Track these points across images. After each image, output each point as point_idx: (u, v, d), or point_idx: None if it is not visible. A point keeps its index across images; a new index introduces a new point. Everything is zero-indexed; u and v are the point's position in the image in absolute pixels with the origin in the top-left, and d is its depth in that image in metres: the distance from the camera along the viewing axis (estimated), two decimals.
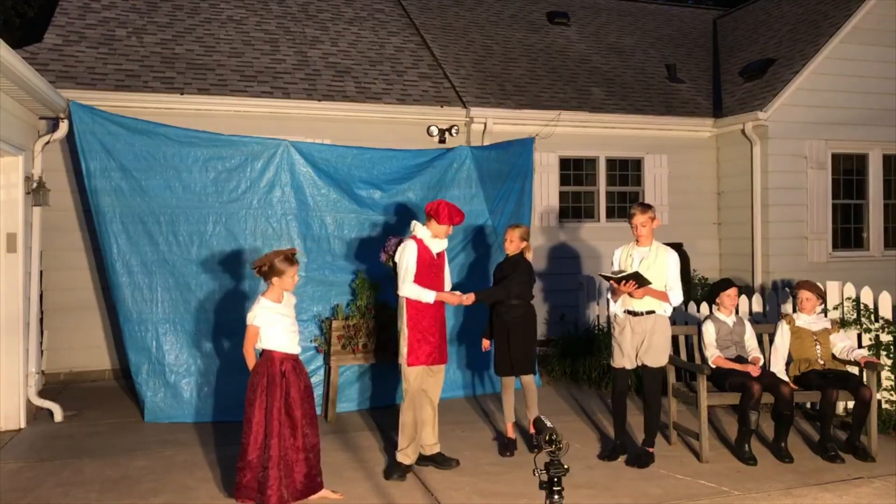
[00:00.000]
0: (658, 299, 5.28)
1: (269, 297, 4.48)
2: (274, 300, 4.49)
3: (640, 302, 5.31)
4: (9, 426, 6.16)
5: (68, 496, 4.72)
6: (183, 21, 10.12)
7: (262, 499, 4.32)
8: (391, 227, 7.06)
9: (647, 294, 5.25)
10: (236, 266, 6.66)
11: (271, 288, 4.50)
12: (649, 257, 5.31)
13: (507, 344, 5.71)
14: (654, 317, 5.33)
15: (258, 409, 4.39)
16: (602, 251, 10.04)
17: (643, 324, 5.33)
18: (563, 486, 2.75)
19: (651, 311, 5.32)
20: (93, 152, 6.37)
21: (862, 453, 5.43)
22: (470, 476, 5.06)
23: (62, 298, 7.99)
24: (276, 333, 4.46)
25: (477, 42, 11.48)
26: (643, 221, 5.30)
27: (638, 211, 5.33)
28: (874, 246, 10.52)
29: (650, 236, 5.36)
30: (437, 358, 5.19)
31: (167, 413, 6.42)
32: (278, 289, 4.51)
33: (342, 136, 8.54)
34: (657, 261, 5.30)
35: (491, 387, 7.49)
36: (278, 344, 4.46)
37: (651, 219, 5.29)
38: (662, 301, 5.30)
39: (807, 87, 10.03)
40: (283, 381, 4.42)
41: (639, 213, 5.32)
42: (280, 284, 4.49)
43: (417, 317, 5.10)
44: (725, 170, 10.69)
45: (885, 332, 6.28)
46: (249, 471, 4.38)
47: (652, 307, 5.31)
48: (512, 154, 7.83)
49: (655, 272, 5.26)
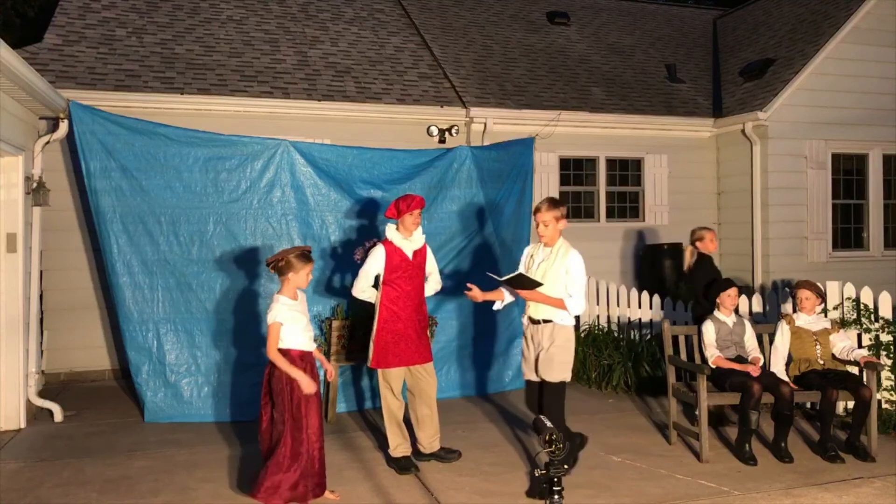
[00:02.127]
0: (552, 306, 4.79)
1: (286, 295, 4.49)
2: (290, 297, 4.50)
3: (537, 308, 4.86)
4: (9, 426, 6.16)
5: (68, 496, 4.72)
6: (183, 21, 10.12)
7: (292, 495, 4.34)
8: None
9: (536, 299, 4.81)
10: (237, 266, 6.66)
11: (286, 285, 4.50)
12: (549, 259, 4.83)
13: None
14: (552, 326, 4.81)
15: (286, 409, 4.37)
16: (602, 251, 10.06)
17: (540, 333, 4.86)
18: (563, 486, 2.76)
19: (548, 319, 4.82)
20: (93, 152, 6.36)
21: (862, 453, 5.43)
22: (470, 476, 5.06)
23: (62, 298, 7.99)
24: (296, 331, 4.46)
25: (477, 42, 11.48)
26: (546, 220, 4.81)
27: (543, 207, 4.85)
28: (874, 246, 10.52)
29: (556, 236, 4.86)
30: (417, 358, 5.21)
31: (167, 413, 6.42)
32: (293, 286, 4.51)
33: (342, 136, 8.54)
34: (555, 263, 4.79)
35: (491, 387, 7.49)
36: (297, 342, 4.47)
37: (556, 218, 4.81)
38: (557, 308, 4.78)
39: (807, 87, 10.03)
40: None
41: (543, 209, 4.83)
42: (295, 281, 4.49)
43: (392, 319, 5.16)
44: (725, 170, 10.69)
45: (885, 332, 6.28)
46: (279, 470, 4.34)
47: (549, 315, 4.82)
48: (512, 154, 7.83)
49: (552, 276, 4.77)
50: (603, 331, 8.20)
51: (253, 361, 6.61)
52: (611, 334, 8.13)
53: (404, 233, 5.23)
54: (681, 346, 6.07)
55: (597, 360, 7.76)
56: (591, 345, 7.96)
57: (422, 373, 5.26)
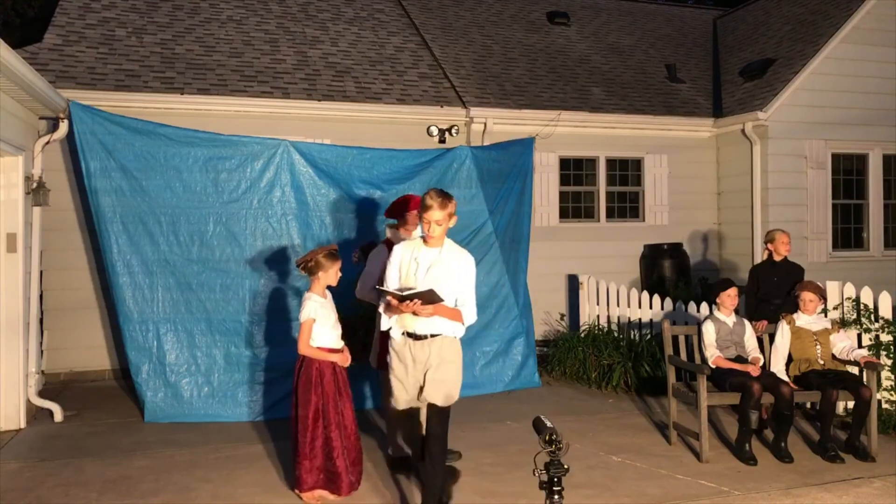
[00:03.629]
0: (450, 318, 4.11)
1: (316, 293, 4.58)
2: (320, 295, 4.59)
3: (422, 321, 4.09)
4: (9, 426, 6.16)
5: (68, 496, 4.72)
6: (183, 21, 10.12)
7: (333, 487, 4.52)
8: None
9: (438, 313, 4.05)
10: (237, 266, 6.66)
11: (316, 284, 4.59)
12: (440, 263, 4.13)
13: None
14: (441, 340, 4.13)
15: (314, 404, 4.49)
16: (602, 251, 10.06)
17: (425, 350, 4.14)
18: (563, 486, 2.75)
19: (437, 333, 4.12)
20: (93, 152, 6.36)
21: (862, 453, 5.43)
22: (470, 476, 5.06)
23: (62, 298, 7.99)
24: (327, 329, 4.56)
25: (477, 42, 11.48)
26: (440, 218, 4.07)
27: (436, 203, 4.04)
28: (874, 246, 10.52)
29: (443, 236, 4.19)
30: None
31: (167, 413, 6.42)
32: (323, 284, 4.61)
33: (342, 136, 8.54)
34: (449, 268, 4.13)
35: (491, 387, 7.49)
36: (328, 340, 4.57)
37: (450, 216, 4.12)
38: (454, 320, 4.12)
39: (807, 87, 10.03)
40: (333, 375, 4.57)
41: (437, 206, 4.04)
42: (325, 279, 4.60)
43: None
44: (725, 170, 10.69)
45: (885, 332, 6.28)
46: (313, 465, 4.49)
47: (439, 329, 4.12)
48: (512, 154, 7.83)
49: (446, 282, 4.09)
50: (603, 331, 8.20)
51: (253, 361, 6.63)
52: (611, 334, 8.13)
53: (404, 233, 5.24)
54: (681, 346, 6.07)
55: (597, 360, 7.76)
56: (591, 345, 7.97)
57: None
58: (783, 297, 6.33)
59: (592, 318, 8.58)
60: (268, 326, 6.67)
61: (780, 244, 6.52)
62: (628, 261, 10.28)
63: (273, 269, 6.73)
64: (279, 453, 5.51)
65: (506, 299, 7.68)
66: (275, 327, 6.65)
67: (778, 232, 6.60)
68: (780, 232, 6.60)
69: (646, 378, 7.40)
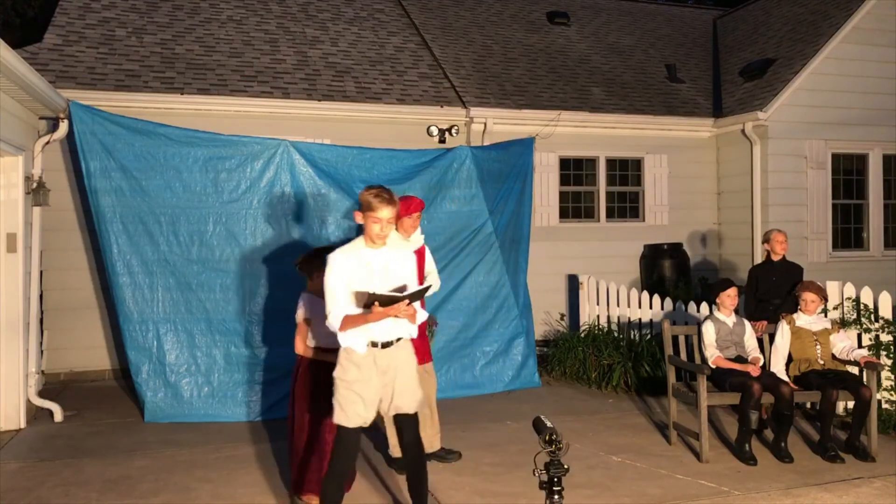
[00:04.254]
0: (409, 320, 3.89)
1: (312, 293, 4.55)
2: (317, 295, 4.53)
3: (385, 327, 3.84)
4: (9, 426, 6.16)
5: (68, 496, 4.72)
6: (183, 21, 10.13)
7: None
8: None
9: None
10: (237, 266, 6.66)
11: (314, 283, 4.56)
12: (396, 261, 3.95)
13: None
14: (404, 344, 3.98)
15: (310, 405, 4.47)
16: (602, 251, 10.06)
17: (391, 357, 3.89)
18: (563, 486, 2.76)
19: (400, 337, 3.94)
20: (93, 152, 6.37)
21: (862, 453, 5.43)
22: (470, 476, 5.06)
23: (62, 298, 8.00)
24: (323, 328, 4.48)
25: (477, 42, 11.48)
26: (391, 218, 3.94)
27: (384, 206, 3.91)
28: (874, 246, 10.52)
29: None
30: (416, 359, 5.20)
31: (167, 413, 6.42)
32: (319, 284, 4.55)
33: (342, 136, 8.54)
34: (404, 264, 3.98)
35: (491, 387, 7.49)
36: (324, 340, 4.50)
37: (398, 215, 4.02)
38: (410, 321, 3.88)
39: (807, 87, 10.03)
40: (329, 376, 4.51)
41: (386, 207, 3.91)
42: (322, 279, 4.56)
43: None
44: (725, 170, 10.69)
45: (885, 332, 6.28)
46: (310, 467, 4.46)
47: (400, 332, 3.93)
48: (512, 154, 7.83)
49: (410, 276, 3.98)
50: (603, 331, 8.20)
51: (253, 361, 6.63)
52: (611, 334, 8.13)
53: (402, 234, 5.23)
54: (681, 346, 6.07)
55: (597, 360, 7.76)
56: (591, 345, 7.97)
57: (421, 373, 5.26)
58: (782, 296, 6.34)
59: (592, 318, 8.58)
60: (268, 326, 6.66)
61: (775, 244, 6.54)
62: (628, 261, 10.28)
63: (273, 270, 6.72)
64: (279, 453, 5.51)
65: (506, 299, 7.68)
66: (274, 327, 6.64)
67: (774, 232, 6.62)
68: (776, 231, 6.61)
69: (646, 378, 7.40)
